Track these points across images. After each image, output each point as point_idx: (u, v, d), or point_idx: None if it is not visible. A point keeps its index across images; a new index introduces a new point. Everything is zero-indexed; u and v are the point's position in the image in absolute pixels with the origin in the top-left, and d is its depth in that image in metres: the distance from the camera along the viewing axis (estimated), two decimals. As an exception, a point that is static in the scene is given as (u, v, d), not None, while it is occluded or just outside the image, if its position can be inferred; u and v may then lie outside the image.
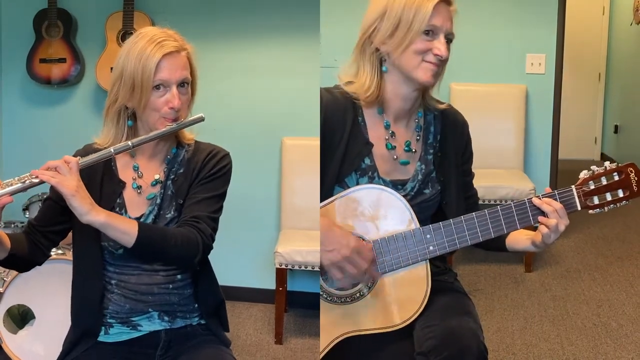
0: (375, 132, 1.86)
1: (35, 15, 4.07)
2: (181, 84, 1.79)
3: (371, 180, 1.84)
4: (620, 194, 1.79)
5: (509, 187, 4.02)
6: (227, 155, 1.92)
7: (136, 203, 1.86)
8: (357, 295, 1.80)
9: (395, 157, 1.87)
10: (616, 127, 7.16)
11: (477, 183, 2.04)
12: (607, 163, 1.81)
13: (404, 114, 1.88)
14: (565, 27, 4.57)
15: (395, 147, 1.87)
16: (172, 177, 1.88)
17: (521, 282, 4.03)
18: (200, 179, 1.87)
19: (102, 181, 1.85)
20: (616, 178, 1.79)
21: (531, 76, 4.58)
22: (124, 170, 1.89)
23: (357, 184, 1.82)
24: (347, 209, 1.78)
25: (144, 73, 1.74)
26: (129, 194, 1.87)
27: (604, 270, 4.17)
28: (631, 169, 1.79)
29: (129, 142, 1.75)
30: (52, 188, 1.76)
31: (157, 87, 1.76)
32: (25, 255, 1.79)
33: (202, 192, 1.86)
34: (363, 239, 1.78)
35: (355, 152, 1.83)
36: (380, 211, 1.78)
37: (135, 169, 1.88)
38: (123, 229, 1.69)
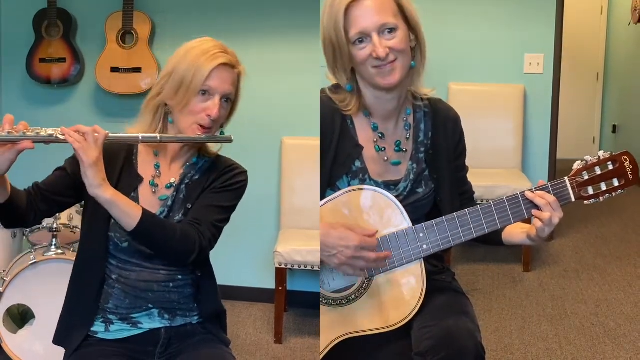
0: (364, 134, 1.85)
1: (35, 15, 4.07)
2: (225, 98, 1.82)
3: (362, 182, 1.82)
4: (616, 183, 1.77)
5: (507, 186, 4.02)
6: (244, 172, 1.94)
7: (149, 202, 1.86)
8: (353, 297, 1.80)
9: (385, 158, 1.86)
10: (614, 127, 7.16)
11: (475, 183, 2.04)
12: (600, 152, 1.77)
13: (390, 114, 1.86)
14: (564, 27, 4.58)
15: (384, 148, 1.86)
16: (187, 181, 1.90)
17: (519, 282, 4.03)
18: (213, 188, 1.88)
19: (121, 172, 1.87)
20: (610, 167, 1.77)
21: (529, 76, 4.58)
22: (144, 166, 1.90)
23: (349, 186, 1.81)
24: (339, 212, 1.78)
25: (195, 75, 1.77)
26: (144, 191, 1.88)
27: (602, 270, 4.17)
28: (625, 157, 1.76)
29: (158, 136, 1.78)
30: (70, 161, 1.81)
31: (202, 92, 1.79)
32: (19, 209, 1.76)
33: (210, 199, 1.87)
34: None
35: (345, 155, 1.83)
36: (372, 212, 1.77)
37: (156, 167, 1.89)
38: (127, 210, 1.71)
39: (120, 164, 1.87)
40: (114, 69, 3.96)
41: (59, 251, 3.02)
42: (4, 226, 1.83)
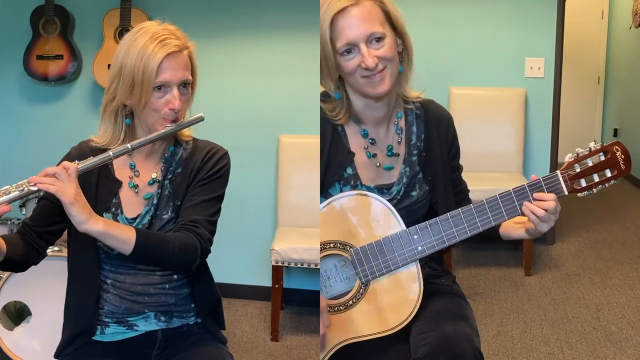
0: (355, 141, 1.84)
1: (33, 12, 4.06)
2: (182, 84, 1.75)
3: (354, 188, 1.81)
4: (608, 173, 1.74)
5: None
6: (225, 154, 1.89)
7: (133, 203, 1.82)
8: (351, 302, 1.78)
9: (378, 164, 1.84)
10: (615, 130, 7.16)
11: (476, 186, 2.02)
12: (591, 144, 1.75)
13: (380, 120, 1.84)
14: (565, 30, 4.57)
15: (376, 154, 1.84)
16: (170, 176, 1.85)
17: (521, 286, 4.01)
18: (199, 180, 1.83)
19: (98, 180, 1.82)
20: (602, 158, 1.74)
21: (530, 80, 4.58)
22: (121, 169, 1.85)
23: (341, 193, 1.79)
24: (331, 218, 1.75)
25: (145, 73, 1.69)
26: (125, 194, 1.83)
27: (603, 274, 4.15)
28: (617, 147, 1.73)
29: (129, 145, 1.71)
30: None
31: (158, 87, 1.72)
32: (21, 257, 1.76)
33: (200, 194, 1.82)
34: (350, 247, 1.75)
35: (337, 162, 1.81)
36: (364, 216, 1.75)
37: (132, 167, 1.84)
38: (121, 237, 1.66)
39: (96, 172, 1.81)
40: (112, 67, 3.95)
41: (55, 248, 2.99)
42: (15, 272, 1.82)
